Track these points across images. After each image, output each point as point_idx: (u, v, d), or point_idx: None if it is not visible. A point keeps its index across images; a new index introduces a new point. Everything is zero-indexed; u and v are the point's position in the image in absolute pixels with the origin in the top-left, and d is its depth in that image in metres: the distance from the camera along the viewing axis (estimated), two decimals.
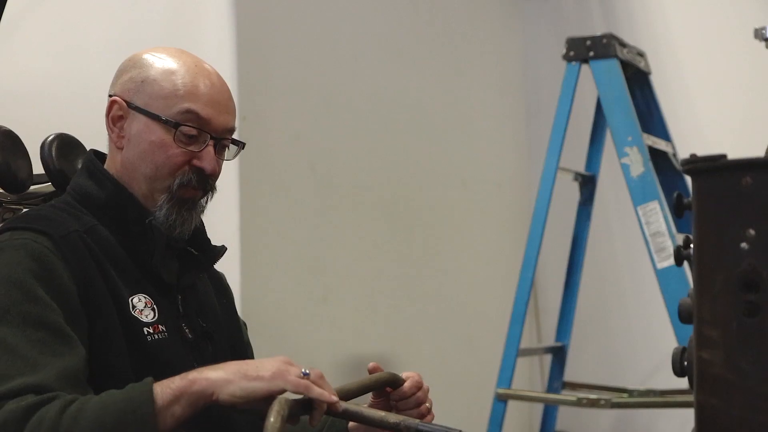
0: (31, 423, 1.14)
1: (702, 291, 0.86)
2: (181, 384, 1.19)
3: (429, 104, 3.87)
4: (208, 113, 1.44)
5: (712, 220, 0.86)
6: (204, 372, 1.21)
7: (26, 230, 1.34)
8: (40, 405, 1.16)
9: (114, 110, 1.46)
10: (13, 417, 1.14)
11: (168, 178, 1.43)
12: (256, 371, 1.20)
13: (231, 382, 1.19)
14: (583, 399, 3.09)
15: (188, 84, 1.44)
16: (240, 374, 1.20)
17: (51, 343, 1.24)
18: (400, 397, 1.44)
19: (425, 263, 3.79)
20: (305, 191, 3.31)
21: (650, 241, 2.97)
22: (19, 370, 1.19)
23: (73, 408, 1.16)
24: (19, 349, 1.21)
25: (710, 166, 0.86)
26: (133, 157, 1.45)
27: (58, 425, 1.14)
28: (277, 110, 3.18)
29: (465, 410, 3.76)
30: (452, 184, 3.97)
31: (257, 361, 1.24)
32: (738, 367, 0.83)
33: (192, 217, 1.46)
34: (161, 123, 1.42)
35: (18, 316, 1.24)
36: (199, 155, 1.44)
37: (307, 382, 1.21)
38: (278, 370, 1.20)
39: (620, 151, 3.09)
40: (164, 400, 1.17)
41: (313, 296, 3.31)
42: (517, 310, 3.28)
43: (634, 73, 3.37)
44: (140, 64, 1.47)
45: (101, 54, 2.95)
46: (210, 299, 1.56)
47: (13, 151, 1.64)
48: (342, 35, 3.51)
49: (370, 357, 3.45)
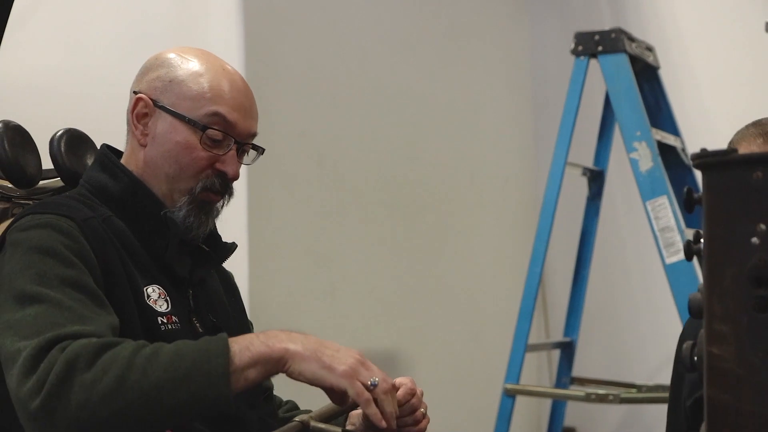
0: (103, 359, 1.14)
1: (712, 286, 0.86)
2: (261, 349, 1.19)
3: (436, 99, 3.86)
4: (234, 117, 1.44)
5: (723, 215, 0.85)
6: (283, 340, 1.21)
7: (48, 214, 1.35)
8: (112, 345, 1.16)
9: (139, 107, 1.46)
10: (85, 351, 1.14)
11: (191, 180, 1.44)
12: (330, 360, 1.20)
13: (305, 360, 1.19)
14: (592, 394, 3.09)
15: (216, 87, 1.44)
16: (316, 356, 1.20)
17: (90, 304, 1.25)
18: None
19: (433, 258, 3.79)
20: (312, 186, 3.31)
21: (659, 237, 2.96)
22: (70, 319, 1.20)
23: (147, 350, 1.17)
24: (65, 304, 1.22)
25: (720, 161, 0.86)
26: (156, 155, 1.45)
27: (131, 364, 1.14)
28: (284, 106, 3.18)
29: (473, 406, 3.76)
30: (460, 179, 3.96)
31: (336, 347, 1.23)
32: (749, 362, 0.83)
33: (209, 221, 1.48)
34: (187, 124, 1.43)
35: (55, 278, 1.24)
36: (223, 159, 1.45)
37: (369, 396, 1.20)
38: (350, 368, 1.20)
39: (629, 146, 3.09)
40: (242, 361, 1.18)
41: (320, 291, 3.31)
42: (525, 306, 3.27)
43: (643, 68, 3.36)
44: (168, 63, 1.47)
45: (109, 50, 2.95)
46: (219, 296, 1.57)
47: (22, 146, 1.64)
48: (349, 30, 3.51)
49: (377, 352, 3.47)
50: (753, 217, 0.83)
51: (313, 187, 3.31)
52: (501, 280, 4.08)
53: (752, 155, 0.84)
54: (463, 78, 4.02)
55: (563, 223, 3.58)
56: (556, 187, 3.27)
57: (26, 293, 1.23)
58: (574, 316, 3.64)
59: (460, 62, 4.01)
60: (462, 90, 4.01)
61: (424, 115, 3.79)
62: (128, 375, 1.13)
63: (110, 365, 1.14)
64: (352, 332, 3.41)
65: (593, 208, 3.63)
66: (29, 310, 1.21)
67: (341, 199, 3.42)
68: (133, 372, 1.13)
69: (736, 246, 0.84)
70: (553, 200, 3.27)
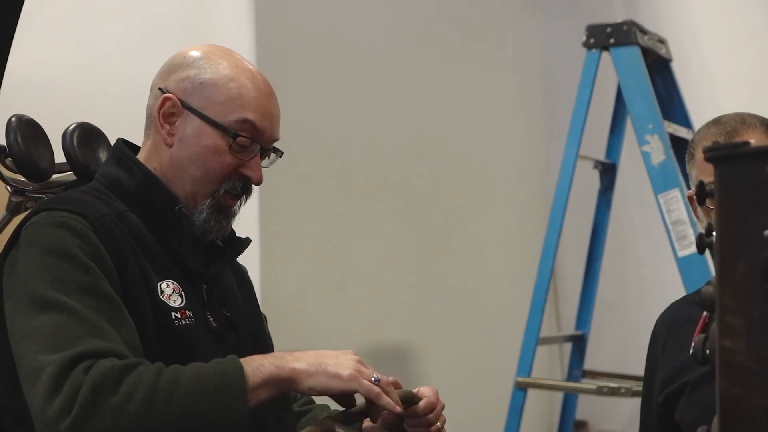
0: (127, 382, 1.17)
1: (724, 279, 0.86)
2: (271, 370, 1.26)
3: (448, 93, 3.86)
4: (263, 125, 1.45)
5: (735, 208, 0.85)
6: (288, 360, 1.28)
7: (62, 210, 1.35)
8: (133, 366, 1.20)
9: (166, 107, 1.45)
10: (111, 373, 1.17)
11: (215, 183, 1.45)
12: (335, 369, 1.28)
13: (312, 376, 1.27)
14: (604, 387, 3.09)
15: (246, 93, 1.45)
16: (321, 369, 1.28)
17: (109, 312, 1.26)
18: (413, 414, 1.44)
19: (444, 252, 3.79)
20: (323, 180, 3.31)
21: (671, 230, 2.95)
22: (88, 332, 1.22)
23: (170, 374, 1.20)
24: (82, 314, 1.23)
25: (733, 154, 0.85)
26: (183, 157, 1.45)
27: (156, 388, 1.18)
28: (295, 101, 3.18)
29: (484, 399, 3.76)
30: (471, 173, 3.96)
31: (334, 355, 1.31)
32: (761, 355, 0.83)
33: (227, 225, 1.49)
34: (217, 129, 1.43)
35: (73, 285, 1.26)
36: (249, 164, 1.46)
37: (378, 390, 1.29)
38: (354, 371, 1.28)
39: (641, 138, 3.08)
40: (255, 382, 1.24)
41: (331, 284, 3.32)
42: (536, 299, 3.27)
43: (655, 60, 3.35)
44: (197, 64, 1.47)
45: (120, 45, 2.96)
46: (233, 290, 1.57)
47: (36, 140, 1.65)
48: (359, 25, 3.51)
49: (388, 345, 3.47)
50: (765, 210, 0.83)
51: (323, 182, 3.31)
52: (512, 274, 4.07)
53: (765, 148, 0.84)
54: (474, 72, 4.01)
55: (575, 216, 3.57)
56: (567, 181, 3.27)
57: (43, 298, 1.24)
58: (585, 310, 3.63)
59: (471, 56, 4.00)
60: (473, 84, 4.00)
61: (434, 110, 3.79)
62: (154, 400, 1.17)
63: (135, 389, 1.17)
64: (363, 326, 3.42)
65: (605, 201, 3.62)
66: (47, 318, 1.22)
67: (352, 193, 3.42)
68: (158, 397, 1.18)
69: (748, 239, 0.84)
70: (564, 193, 3.26)
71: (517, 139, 4.26)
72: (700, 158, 1.72)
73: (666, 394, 1.74)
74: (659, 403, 1.76)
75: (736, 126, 1.71)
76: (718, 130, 1.72)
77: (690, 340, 1.69)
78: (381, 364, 1.45)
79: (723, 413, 0.86)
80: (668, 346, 1.78)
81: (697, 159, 1.74)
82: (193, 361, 1.29)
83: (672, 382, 1.73)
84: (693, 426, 1.66)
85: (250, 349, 1.51)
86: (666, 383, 1.75)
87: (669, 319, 1.83)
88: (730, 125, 1.72)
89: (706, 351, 0.94)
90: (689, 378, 1.70)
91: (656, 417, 1.79)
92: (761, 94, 3.67)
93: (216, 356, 1.41)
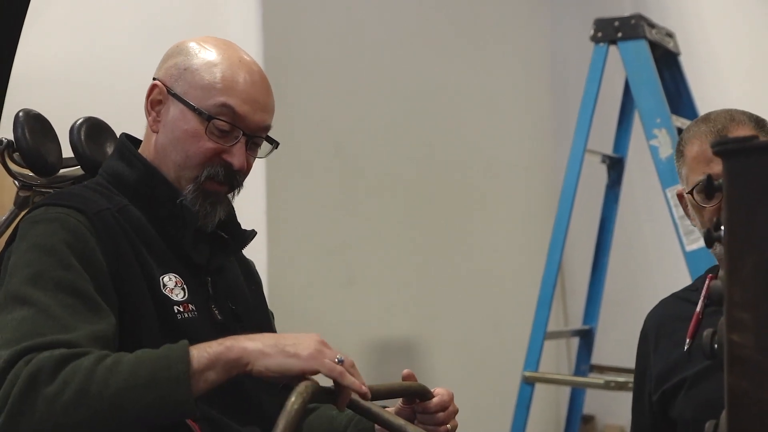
0: (65, 371, 1.15)
1: (732, 274, 0.85)
2: (218, 349, 1.20)
3: (455, 87, 3.85)
4: (244, 110, 1.44)
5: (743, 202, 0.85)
6: (241, 340, 1.21)
7: (60, 206, 1.36)
8: (74, 356, 1.17)
9: (154, 94, 1.47)
10: (47, 364, 1.15)
11: (196, 168, 1.45)
12: (294, 348, 1.21)
13: (267, 356, 1.20)
14: (611, 382, 3.08)
15: (228, 78, 1.44)
16: (278, 349, 1.21)
17: (82, 310, 1.25)
18: (424, 410, 1.44)
19: (451, 246, 3.79)
20: (331, 174, 3.31)
21: (679, 224, 2.94)
22: (51, 329, 1.21)
23: (108, 361, 1.17)
24: (52, 311, 1.23)
25: (741, 148, 0.85)
26: (166, 142, 1.46)
27: (92, 374, 1.15)
28: (302, 96, 3.19)
29: (491, 393, 3.76)
30: (479, 167, 3.96)
31: (294, 336, 1.24)
32: None
33: (216, 211, 1.47)
34: (195, 113, 1.43)
35: (50, 281, 1.26)
36: (230, 150, 1.45)
37: (341, 369, 1.22)
38: (315, 350, 1.21)
39: (648, 133, 3.07)
40: (200, 364, 1.18)
41: (338, 279, 3.32)
42: (544, 293, 3.27)
43: (663, 54, 3.34)
44: (185, 51, 1.48)
45: (128, 38, 2.97)
46: (239, 283, 1.57)
47: (43, 135, 1.65)
48: (366, 19, 3.50)
49: (395, 340, 3.47)
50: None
51: (331, 177, 3.32)
52: (520, 268, 4.07)
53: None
54: (481, 66, 4.00)
55: (582, 210, 3.57)
56: (575, 175, 3.26)
57: (19, 294, 1.25)
58: (593, 304, 3.63)
59: (478, 50, 3.99)
60: (481, 78, 3.99)
61: (442, 104, 3.78)
62: (89, 386, 1.14)
63: (72, 377, 1.15)
64: (371, 320, 3.42)
65: (612, 195, 3.61)
66: (16, 314, 1.22)
67: (359, 188, 3.42)
68: (94, 382, 1.14)
69: (757, 233, 0.84)
70: (572, 188, 3.26)
71: (525, 134, 4.25)
72: (690, 156, 1.69)
73: (662, 391, 1.73)
74: (654, 401, 1.75)
75: (726, 123, 1.68)
76: (707, 128, 1.69)
77: (683, 336, 1.70)
78: (388, 359, 1.45)
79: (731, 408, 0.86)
80: (660, 343, 1.77)
81: (687, 157, 1.70)
82: None
83: (667, 379, 1.73)
84: (692, 422, 1.66)
85: None
86: (661, 381, 1.74)
87: (659, 317, 1.82)
88: (720, 123, 1.68)
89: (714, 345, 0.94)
90: (686, 374, 1.69)
91: (650, 415, 1.78)
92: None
93: None
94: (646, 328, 1.83)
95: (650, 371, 1.78)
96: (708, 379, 1.66)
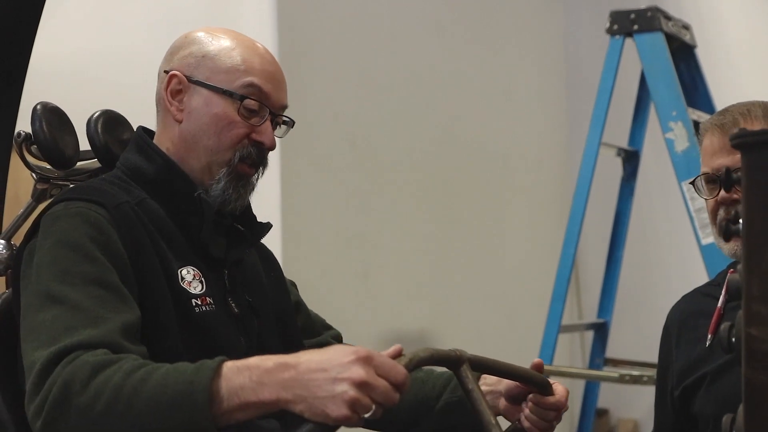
0: (97, 381, 1.16)
1: (751, 267, 0.85)
2: (251, 399, 1.13)
3: (469, 80, 3.84)
4: (268, 88, 1.47)
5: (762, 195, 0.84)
6: (273, 385, 1.14)
7: (80, 200, 1.37)
8: (108, 364, 1.17)
9: (173, 84, 1.48)
10: (81, 372, 1.16)
11: (229, 151, 1.46)
12: (323, 406, 1.11)
13: (297, 405, 1.13)
14: (626, 376, 3.08)
15: (248, 60, 1.47)
16: (308, 402, 1.12)
17: (111, 300, 1.27)
18: (538, 402, 1.44)
19: (466, 239, 3.79)
20: (345, 167, 3.32)
21: (695, 217, 2.93)
22: (83, 323, 1.22)
23: (138, 375, 1.16)
24: (83, 305, 1.24)
25: (760, 140, 0.85)
26: (194, 129, 1.47)
27: (121, 390, 1.15)
28: (317, 87, 3.19)
29: None
30: (494, 160, 3.95)
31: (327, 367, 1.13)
32: None
33: (246, 194, 1.50)
34: (224, 96, 1.45)
35: (78, 276, 1.27)
36: (259, 129, 1.47)
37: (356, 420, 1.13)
38: (348, 409, 1.11)
39: (664, 125, 3.05)
40: (230, 406, 1.13)
41: (353, 271, 3.32)
42: (558, 287, 3.27)
43: (679, 47, 3.32)
44: (197, 41, 1.50)
45: (144, 31, 2.97)
46: (257, 275, 1.57)
47: (60, 128, 1.66)
48: (382, 11, 3.50)
49: (410, 332, 3.47)
50: None
51: (346, 168, 3.32)
52: (534, 261, 4.06)
53: None
54: (496, 58, 3.99)
55: (597, 204, 3.55)
56: (590, 168, 3.25)
57: (50, 293, 1.26)
58: (607, 297, 3.62)
59: (492, 43, 3.98)
60: (495, 70, 3.99)
61: (457, 96, 3.78)
62: (116, 405, 1.14)
63: (103, 389, 1.15)
64: (386, 313, 3.42)
65: (628, 188, 3.60)
66: (48, 313, 1.24)
67: (374, 180, 3.42)
68: (120, 402, 1.14)
69: None
70: (587, 181, 3.25)
71: (540, 127, 4.24)
72: (704, 146, 1.72)
73: (683, 387, 1.72)
74: (676, 396, 1.75)
75: (737, 117, 1.69)
76: (718, 120, 1.71)
77: (705, 332, 1.70)
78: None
79: (748, 401, 0.86)
80: (682, 339, 1.77)
81: (703, 147, 1.73)
82: (215, 347, 1.30)
83: (689, 374, 1.72)
84: (713, 418, 1.65)
85: (274, 335, 1.52)
86: (683, 376, 1.73)
87: (681, 312, 1.82)
88: (731, 116, 1.70)
89: (731, 339, 0.94)
90: (707, 370, 1.69)
91: (671, 411, 1.78)
92: None
93: (238, 342, 1.42)
94: (668, 323, 1.83)
95: (672, 367, 1.77)
96: (729, 375, 1.65)
